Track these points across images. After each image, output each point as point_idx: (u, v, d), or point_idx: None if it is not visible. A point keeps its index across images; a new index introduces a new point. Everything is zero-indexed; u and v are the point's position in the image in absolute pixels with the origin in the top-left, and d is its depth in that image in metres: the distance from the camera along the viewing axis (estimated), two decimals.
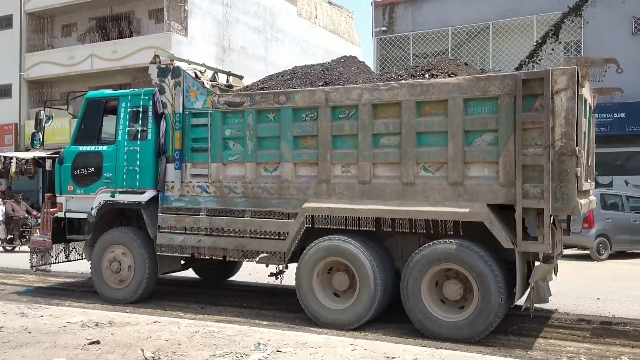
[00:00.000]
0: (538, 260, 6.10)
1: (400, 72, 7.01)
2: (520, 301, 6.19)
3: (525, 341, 6.22)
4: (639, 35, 17.04)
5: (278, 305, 7.98)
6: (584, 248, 13.78)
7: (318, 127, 6.72)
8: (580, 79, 5.80)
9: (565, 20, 17.64)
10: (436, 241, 6.22)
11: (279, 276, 7.79)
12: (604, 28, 17.26)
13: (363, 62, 8.38)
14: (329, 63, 7.92)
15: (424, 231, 6.33)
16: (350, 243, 6.53)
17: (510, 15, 18.54)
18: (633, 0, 17.01)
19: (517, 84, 5.77)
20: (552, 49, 17.74)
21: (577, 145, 5.72)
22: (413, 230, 6.37)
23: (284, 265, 7.28)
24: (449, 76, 6.57)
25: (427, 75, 6.66)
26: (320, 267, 6.74)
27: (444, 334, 6.10)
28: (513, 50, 18.50)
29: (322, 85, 7.10)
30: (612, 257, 13.61)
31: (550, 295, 6.51)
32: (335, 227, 6.63)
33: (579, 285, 9.49)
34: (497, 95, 5.91)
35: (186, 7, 23.62)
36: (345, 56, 8.32)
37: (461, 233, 6.15)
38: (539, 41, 17.84)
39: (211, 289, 9.44)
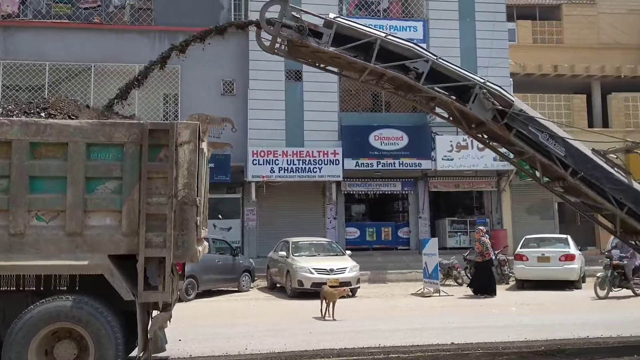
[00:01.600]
0: (157, 309, 6.13)
1: (11, 107, 6.14)
2: (136, 351, 6.07)
3: None
4: (226, 96, 19.49)
5: None
6: None
7: None
8: (201, 133, 6.24)
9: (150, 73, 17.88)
10: (48, 299, 5.58)
11: None
12: (199, 85, 19.11)
13: None
14: None
15: (34, 288, 5.60)
16: None
17: (112, 60, 18.59)
18: (222, 65, 19.42)
19: (143, 133, 5.80)
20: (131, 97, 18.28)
21: (197, 195, 6.07)
22: (22, 288, 5.54)
23: None
24: (70, 117, 6.11)
25: (43, 114, 6.03)
26: None
27: None
28: (115, 94, 18.49)
29: None
30: (200, 295, 14.45)
31: (166, 343, 6.59)
32: None
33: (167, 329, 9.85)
34: (123, 143, 5.81)
35: None
36: None
37: (78, 288, 5.68)
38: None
39: None
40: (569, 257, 15.91)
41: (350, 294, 11.52)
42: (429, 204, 20.65)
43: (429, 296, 14.51)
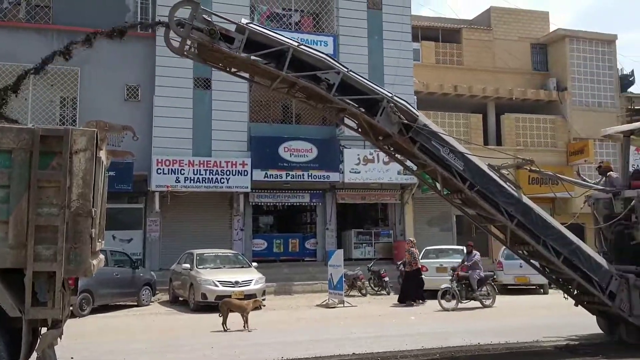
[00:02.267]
0: (47, 326, 5.74)
1: None
2: None
3: None
4: (130, 102, 18.77)
5: None
6: None
7: None
8: (99, 141, 5.93)
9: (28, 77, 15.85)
10: None
11: None
12: (101, 89, 18.25)
13: None
14: None
15: None
16: None
17: (6, 60, 17.40)
18: (127, 69, 18.70)
19: (34, 140, 5.43)
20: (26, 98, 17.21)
21: (93, 206, 5.76)
22: None
23: None
24: None
25: None
26: None
27: None
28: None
29: None
30: (96, 311, 13.68)
31: None
32: None
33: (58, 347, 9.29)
34: (11, 149, 5.40)
35: None
36: None
37: None
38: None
39: None
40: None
41: (264, 305, 11.51)
42: (336, 215, 20.97)
43: (334, 307, 14.70)
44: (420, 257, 17.41)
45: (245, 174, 18.95)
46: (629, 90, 27.30)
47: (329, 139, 20.41)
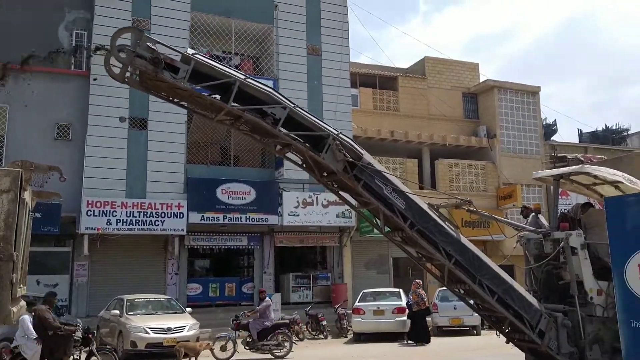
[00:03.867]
0: None
1: None
2: None
3: None
4: (61, 141, 18.03)
5: None
6: None
7: None
8: (23, 182, 5.57)
9: None
10: None
11: None
12: (30, 128, 17.49)
13: None
14: None
15: None
16: None
17: None
18: (58, 107, 18.05)
19: None
20: None
21: (15, 250, 5.35)
22: None
23: None
24: None
25: None
26: None
27: None
28: None
29: None
30: None
31: None
32: None
33: None
34: None
35: None
36: None
37: None
38: None
39: None
40: (401, 310, 16.76)
41: (213, 347, 11.07)
42: (274, 259, 20.66)
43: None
44: (357, 301, 17.39)
45: (181, 216, 18.44)
46: (552, 138, 28.96)
47: (267, 181, 20.30)
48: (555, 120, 29.18)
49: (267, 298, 14.24)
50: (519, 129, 26.32)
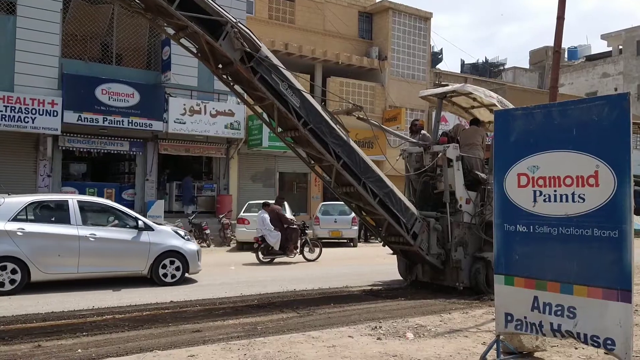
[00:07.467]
0: None
1: None
2: None
3: None
4: None
5: None
6: None
7: None
8: None
9: None
10: None
11: None
12: None
13: None
14: None
15: None
16: None
17: None
18: None
19: None
20: None
21: None
22: None
23: None
24: None
25: None
26: None
27: None
28: None
29: None
30: None
31: None
32: None
33: None
34: None
35: None
36: None
37: None
38: None
39: None
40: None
41: None
42: (158, 166, 19.98)
43: None
44: (242, 211, 17.50)
45: (55, 114, 17.04)
46: (437, 66, 30.11)
47: (153, 85, 19.22)
48: (442, 49, 30.25)
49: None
50: (408, 53, 26.96)
